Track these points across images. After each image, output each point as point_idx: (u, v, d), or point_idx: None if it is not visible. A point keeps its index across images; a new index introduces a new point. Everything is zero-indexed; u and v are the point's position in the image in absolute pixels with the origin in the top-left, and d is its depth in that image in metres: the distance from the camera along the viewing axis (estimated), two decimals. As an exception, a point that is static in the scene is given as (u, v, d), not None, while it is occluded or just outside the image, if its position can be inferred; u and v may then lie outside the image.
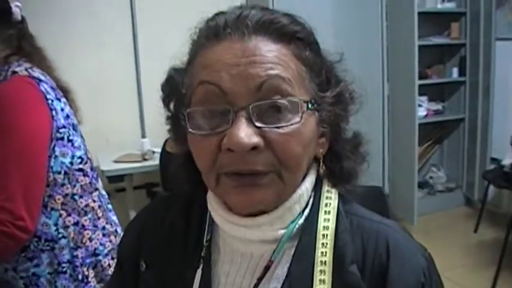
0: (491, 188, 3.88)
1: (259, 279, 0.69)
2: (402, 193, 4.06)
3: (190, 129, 0.65)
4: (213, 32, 0.67)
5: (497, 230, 3.88)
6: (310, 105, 0.66)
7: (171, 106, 0.76)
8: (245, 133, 0.61)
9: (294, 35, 0.67)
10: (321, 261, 0.67)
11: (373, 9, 3.72)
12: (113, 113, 3.87)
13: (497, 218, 4.09)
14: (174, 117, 0.75)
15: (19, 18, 1.42)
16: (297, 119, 0.64)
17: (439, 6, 4.35)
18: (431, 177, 4.79)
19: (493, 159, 4.19)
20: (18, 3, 1.43)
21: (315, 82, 0.69)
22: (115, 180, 3.47)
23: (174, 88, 0.73)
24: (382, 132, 3.91)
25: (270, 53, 0.64)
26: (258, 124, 0.62)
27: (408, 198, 3.99)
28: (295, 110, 0.64)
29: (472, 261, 3.55)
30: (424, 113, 4.42)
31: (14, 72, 1.36)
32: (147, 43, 3.90)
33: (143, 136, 3.98)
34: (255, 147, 0.62)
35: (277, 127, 0.63)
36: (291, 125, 0.63)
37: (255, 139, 0.62)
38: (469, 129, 4.50)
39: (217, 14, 0.70)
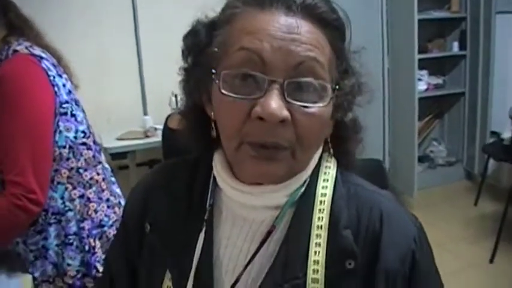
0: (491, 161, 3.90)
1: (262, 243, 0.72)
2: (402, 167, 4.09)
3: (222, 90, 0.66)
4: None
5: (497, 203, 3.91)
6: (335, 91, 0.69)
7: (189, 58, 0.77)
8: (278, 105, 0.63)
9: (331, 22, 0.69)
10: (318, 226, 0.71)
11: (373, -17, 3.70)
12: (114, 91, 3.88)
13: (497, 191, 4.13)
14: (190, 70, 0.77)
15: None
16: (324, 102, 0.67)
17: (440, -21, 4.33)
18: (431, 151, 4.82)
19: (493, 133, 4.20)
20: None
21: (338, 70, 0.72)
22: (118, 157, 3.51)
23: (197, 42, 0.74)
24: (382, 106, 3.92)
25: (310, 35, 0.66)
26: (288, 99, 0.64)
27: (408, 172, 4.02)
28: (323, 94, 0.67)
29: (471, 233, 3.60)
30: (425, 87, 4.42)
31: (15, 51, 1.38)
32: (148, 20, 3.89)
33: (145, 113, 4.00)
34: (283, 120, 0.64)
35: (304, 106, 0.65)
36: (318, 107, 0.66)
37: (286, 112, 0.64)
38: (469, 103, 4.50)
39: None
